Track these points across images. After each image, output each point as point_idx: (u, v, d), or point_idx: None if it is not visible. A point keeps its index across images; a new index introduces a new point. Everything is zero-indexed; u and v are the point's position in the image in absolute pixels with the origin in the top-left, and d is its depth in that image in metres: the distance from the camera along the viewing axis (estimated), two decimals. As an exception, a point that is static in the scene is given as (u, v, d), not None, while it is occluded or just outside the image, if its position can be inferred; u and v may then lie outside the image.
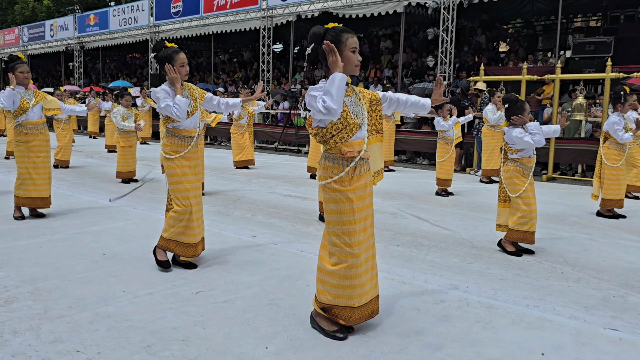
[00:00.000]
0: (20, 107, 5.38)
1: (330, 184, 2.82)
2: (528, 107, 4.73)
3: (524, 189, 4.61)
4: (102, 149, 13.93)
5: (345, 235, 2.80)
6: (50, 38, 26.30)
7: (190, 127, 4.04)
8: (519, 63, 14.14)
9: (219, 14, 18.39)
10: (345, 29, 2.79)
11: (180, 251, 4.01)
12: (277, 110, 16.52)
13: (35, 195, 5.54)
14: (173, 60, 3.92)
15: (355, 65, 2.80)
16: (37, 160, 5.52)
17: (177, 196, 3.98)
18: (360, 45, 12.28)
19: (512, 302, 3.48)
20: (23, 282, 3.68)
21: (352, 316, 2.87)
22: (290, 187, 8.23)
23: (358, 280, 2.83)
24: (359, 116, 2.85)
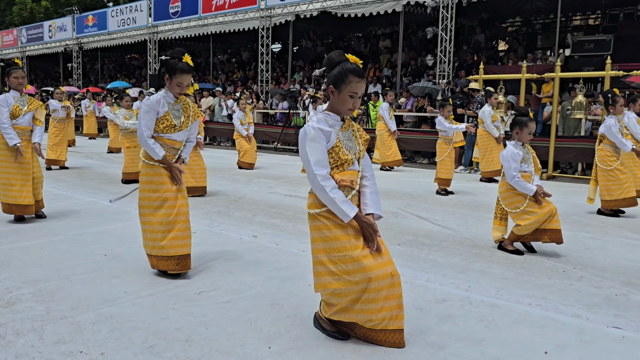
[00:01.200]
0: (11, 113, 5.34)
1: (321, 213, 2.73)
2: (533, 127, 4.63)
3: (524, 205, 4.56)
4: (101, 149, 13.93)
5: (342, 263, 2.70)
6: (48, 39, 26.30)
7: (177, 140, 3.95)
8: (519, 62, 14.16)
9: (218, 14, 18.40)
10: (356, 69, 2.69)
11: (167, 266, 3.83)
12: (276, 110, 16.53)
13: (12, 202, 5.39)
14: (174, 75, 3.79)
15: (348, 109, 2.76)
16: (20, 167, 5.38)
17: (149, 204, 3.83)
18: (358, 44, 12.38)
19: (515, 301, 3.49)
20: (25, 284, 3.68)
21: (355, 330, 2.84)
22: (290, 187, 8.23)
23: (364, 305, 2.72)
24: (352, 152, 2.80)
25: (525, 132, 4.60)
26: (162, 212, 3.82)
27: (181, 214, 3.87)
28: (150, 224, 3.86)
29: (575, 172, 10.43)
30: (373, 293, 2.70)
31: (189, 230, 3.94)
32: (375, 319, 2.74)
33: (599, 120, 10.29)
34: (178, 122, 3.91)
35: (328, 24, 18.73)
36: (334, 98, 2.76)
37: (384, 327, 2.76)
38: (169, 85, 3.87)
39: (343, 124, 2.83)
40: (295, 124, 14.90)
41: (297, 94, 15.68)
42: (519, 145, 4.64)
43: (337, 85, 2.72)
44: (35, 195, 5.60)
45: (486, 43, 16.78)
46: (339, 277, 2.71)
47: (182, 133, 3.98)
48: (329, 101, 2.86)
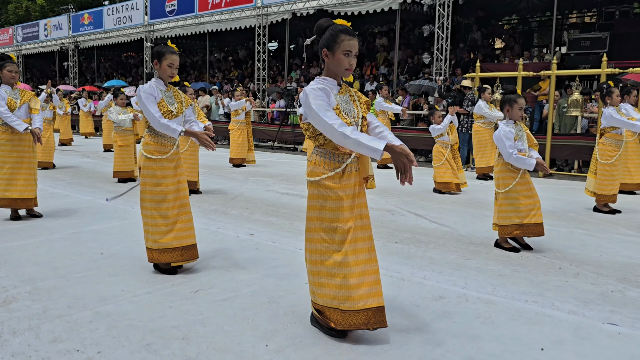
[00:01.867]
0: (7, 106, 5.34)
1: (320, 181, 2.74)
2: (522, 102, 4.63)
3: (512, 185, 4.57)
4: (98, 148, 13.90)
5: (331, 232, 2.72)
6: (44, 38, 26.22)
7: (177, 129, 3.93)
8: (515, 59, 14.18)
9: (214, 12, 18.37)
10: (346, 29, 2.70)
11: (168, 258, 3.87)
12: (273, 109, 16.51)
13: (17, 196, 5.42)
14: (162, 57, 3.83)
15: (345, 69, 2.72)
16: (22, 161, 5.43)
17: (151, 198, 3.86)
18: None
19: (511, 298, 3.49)
20: (22, 282, 3.67)
21: (342, 320, 2.73)
22: (287, 185, 8.23)
23: (342, 280, 2.70)
24: (351, 115, 2.77)
25: (516, 108, 4.59)
26: (164, 205, 3.87)
27: (183, 206, 3.95)
28: (153, 217, 3.89)
29: (571, 170, 10.45)
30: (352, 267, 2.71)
31: (191, 221, 4.01)
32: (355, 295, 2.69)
33: (595, 118, 10.32)
34: (173, 108, 3.94)
35: (324, 22, 18.69)
36: (329, 61, 2.75)
37: (363, 306, 2.70)
38: (159, 70, 3.88)
39: (340, 88, 2.82)
40: (292, 123, 14.89)
41: (294, 92, 15.66)
42: (510, 123, 4.63)
43: (330, 47, 2.71)
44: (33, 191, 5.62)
45: (483, 41, 16.79)
46: (328, 245, 2.73)
47: (179, 119, 4.00)
48: (324, 66, 2.81)
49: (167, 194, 3.89)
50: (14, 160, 5.41)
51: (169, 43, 3.97)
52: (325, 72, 2.81)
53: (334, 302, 2.75)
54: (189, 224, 3.99)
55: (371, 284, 2.77)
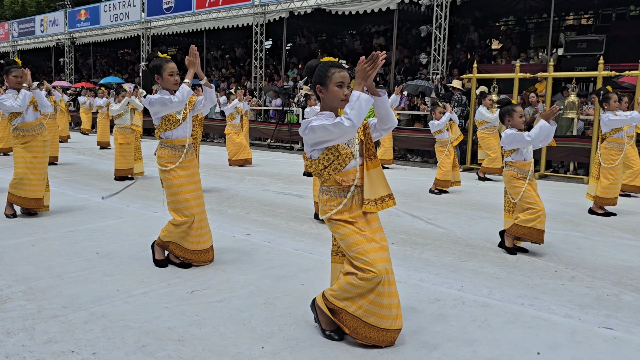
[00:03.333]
0: (15, 113, 5.35)
1: (331, 218, 2.81)
2: (520, 110, 4.67)
3: (523, 189, 4.58)
4: (94, 145, 13.84)
5: (360, 256, 2.72)
6: (40, 33, 26.08)
7: (181, 136, 4.06)
8: (512, 61, 14.20)
9: (211, 10, 18.30)
10: (334, 63, 2.77)
11: (186, 255, 4.02)
12: (269, 107, 16.49)
13: (31, 195, 5.48)
14: (162, 69, 3.95)
15: (341, 100, 2.75)
16: (35, 161, 5.47)
17: (177, 207, 4.00)
18: (352, 42, 12.37)
19: (507, 301, 3.50)
20: (16, 282, 3.65)
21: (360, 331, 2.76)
22: (284, 184, 8.22)
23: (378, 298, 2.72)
24: (351, 145, 2.82)
25: (516, 116, 4.63)
26: (190, 212, 3.99)
27: (201, 213, 4.09)
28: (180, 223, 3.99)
29: (567, 172, 10.48)
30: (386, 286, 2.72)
31: (207, 226, 4.16)
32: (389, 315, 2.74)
33: (591, 120, 10.35)
34: (180, 115, 4.06)
35: (322, 21, 18.71)
36: (325, 96, 2.79)
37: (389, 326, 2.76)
38: (162, 83, 4.02)
39: None
40: (288, 121, 14.88)
41: (291, 90, 15.64)
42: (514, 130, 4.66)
43: (323, 82, 2.76)
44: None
45: (480, 42, 16.81)
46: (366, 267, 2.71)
47: (185, 125, 4.08)
48: (320, 103, 2.86)
49: (190, 201, 4.01)
50: (28, 161, 5.44)
51: (159, 54, 4.06)
52: (322, 108, 2.85)
53: (358, 312, 2.75)
54: (206, 229, 4.14)
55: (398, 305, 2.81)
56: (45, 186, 5.66)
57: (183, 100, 3.88)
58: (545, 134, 4.47)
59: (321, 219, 2.92)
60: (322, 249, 4.61)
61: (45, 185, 5.66)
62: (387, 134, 10.44)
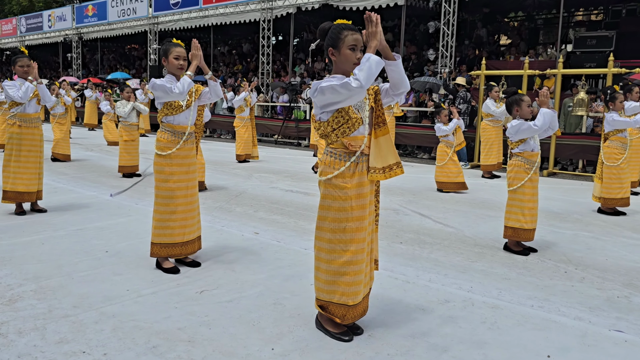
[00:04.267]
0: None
1: (330, 180, 2.79)
2: (528, 99, 4.63)
3: (521, 183, 4.56)
4: (101, 141, 13.88)
5: (340, 232, 2.77)
6: (48, 29, 26.16)
7: (183, 123, 3.99)
8: (520, 57, 14.11)
9: (219, 6, 18.29)
10: (347, 25, 2.75)
11: (167, 252, 3.95)
12: (277, 103, 16.48)
13: (23, 189, 5.46)
14: (169, 52, 3.91)
15: (353, 63, 2.73)
16: (29, 155, 5.45)
17: (161, 194, 3.93)
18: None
19: (517, 303, 3.48)
20: (27, 280, 3.67)
21: (347, 314, 2.84)
22: (291, 182, 8.22)
23: (352, 278, 2.80)
24: (362, 111, 2.79)
25: (524, 106, 4.59)
26: (172, 202, 3.92)
27: (191, 203, 4.02)
28: (159, 212, 3.94)
29: (576, 169, 10.42)
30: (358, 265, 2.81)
31: (198, 215, 4.13)
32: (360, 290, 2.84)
33: (600, 117, 10.27)
34: (184, 102, 4.00)
35: (329, 16, 18.60)
36: (337, 58, 2.77)
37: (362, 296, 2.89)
38: (168, 66, 3.96)
39: None
40: (296, 117, 14.86)
41: (298, 87, 15.61)
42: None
43: (335, 45, 2.74)
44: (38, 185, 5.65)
45: (488, 38, 16.71)
46: (335, 245, 2.79)
47: (188, 112, 4.02)
48: (333, 66, 2.83)
49: (175, 191, 3.93)
50: (22, 154, 5.43)
51: (174, 40, 4.01)
52: (334, 70, 2.82)
53: (342, 299, 2.82)
54: (195, 219, 4.09)
55: (367, 274, 2.94)
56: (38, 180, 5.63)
57: (183, 91, 3.84)
58: (550, 120, 4.47)
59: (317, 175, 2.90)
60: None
61: (39, 179, 5.63)
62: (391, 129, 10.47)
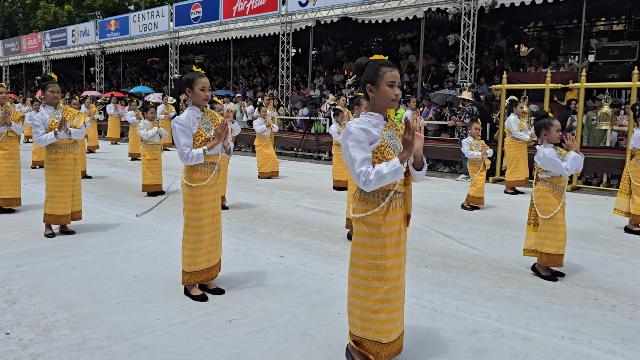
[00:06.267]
0: (49, 128, 5.48)
1: (364, 218, 2.80)
2: (557, 124, 4.63)
3: (556, 211, 4.55)
4: (124, 156, 14.10)
5: (374, 269, 2.77)
6: (71, 43, 26.69)
7: (212, 154, 4.02)
8: (541, 68, 14.01)
9: (238, 20, 18.50)
10: (385, 62, 2.77)
11: (196, 279, 4.02)
12: (296, 117, 16.57)
13: (60, 212, 5.63)
14: (194, 83, 3.93)
15: (392, 100, 2.76)
16: (65, 179, 5.61)
17: (191, 224, 3.98)
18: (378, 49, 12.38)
19: (547, 334, 3.45)
20: (59, 309, 3.74)
21: (380, 352, 2.81)
22: (313, 199, 8.25)
23: (387, 315, 2.79)
24: (397, 150, 2.80)
25: (553, 130, 4.57)
26: (200, 230, 3.98)
27: (216, 229, 4.10)
28: (189, 242, 4.00)
29: (600, 183, 10.28)
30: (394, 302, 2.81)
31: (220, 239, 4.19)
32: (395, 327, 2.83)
33: (625, 131, 10.14)
34: (210, 134, 4.02)
35: (348, 29, 18.73)
36: (374, 95, 2.79)
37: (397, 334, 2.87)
38: (193, 97, 3.99)
39: (386, 123, 2.85)
40: (316, 131, 14.92)
41: (318, 100, 15.68)
42: (549, 146, 4.60)
43: (374, 81, 2.76)
44: (75, 205, 5.81)
45: (508, 49, 16.62)
46: (369, 282, 2.79)
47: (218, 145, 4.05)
48: (370, 102, 2.86)
49: (204, 220, 4.00)
50: (58, 179, 5.59)
51: (194, 68, 4.06)
52: (372, 108, 2.84)
53: (376, 336, 2.81)
54: (219, 243, 4.17)
55: (403, 312, 2.93)
56: (75, 201, 5.79)
57: (190, 162, 3.90)
58: (578, 164, 4.51)
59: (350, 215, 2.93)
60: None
61: (75, 200, 5.79)
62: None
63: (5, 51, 31.91)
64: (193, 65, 4.15)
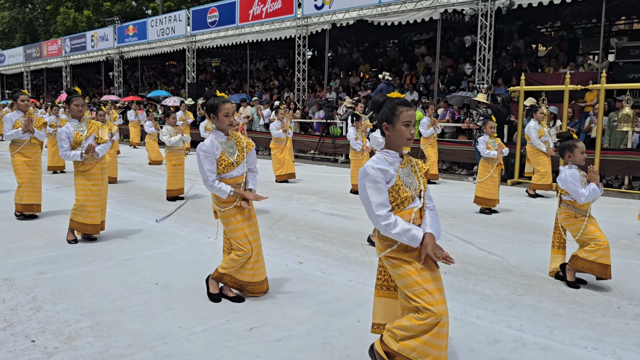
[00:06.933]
0: (74, 141, 5.57)
1: (386, 255, 2.83)
2: (582, 146, 4.55)
3: (583, 226, 4.48)
4: (143, 160, 14.25)
5: (417, 297, 2.72)
6: (91, 48, 27.06)
7: (237, 176, 4.10)
8: (560, 69, 13.84)
9: (254, 23, 18.60)
10: (402, 100, 2.80)
11: (233, 282, 4.11)
12: (313, 120, 16.60)
13: (89, 222, 5.72)
14: (218, 110, 4.00)
15: (407, 139, 2.78)
16: (94, 188, 5.70)
17: (238, 242, 4.05)
18: (394, 51, 12.38)
19: (570, 343, 3.42)
20: (83, 316, 3.80)
21: None
22: (331, 204, 8.25)
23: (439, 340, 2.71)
24: (412, 187, 2.82)
25: (577, 152, 4.52)
26: (245, 247, 4.04)
27: (257, 247, 4.13)
28: (234, 260, 4.07)
29: (621, 186, 10.14)
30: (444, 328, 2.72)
31: (262, 259, 4.23)
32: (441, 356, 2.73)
33: (647, 132, 9.99)
34: (234, 158, 4.07)
35: (364, 31, 18.70)
36: (390, 133, 2.80)
37: None
38: (217, 123, 4.05)
39: (402, 160, 2.85)
40: (332, 134, 14.93)
41: (334, 103, 15.69)
42: (574, 167, 4.55)
43: (390, 120, 2.78)
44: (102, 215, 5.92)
45: (525, 49, 16.46)
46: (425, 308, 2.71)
47: (240, 167, 4.13)
48: (385, 139, 2.87)
49: (248, 236, 4.07)
50: (87, 189, 5.68)
51: (218, 93, 4.11)
52: (387, 145, 2.86)
53: (412, 354, 2.75)
54: (260, 263, 4.19)
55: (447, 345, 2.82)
56: (102, 211, 5.89)
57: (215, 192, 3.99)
58: (596, 196, 4.44)
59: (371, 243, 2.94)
60: (374, 280, 4.59)
61: (102, 210, 5.89)
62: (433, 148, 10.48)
63: (27, 57, 32.46)
64: (216, 90, 4.18)
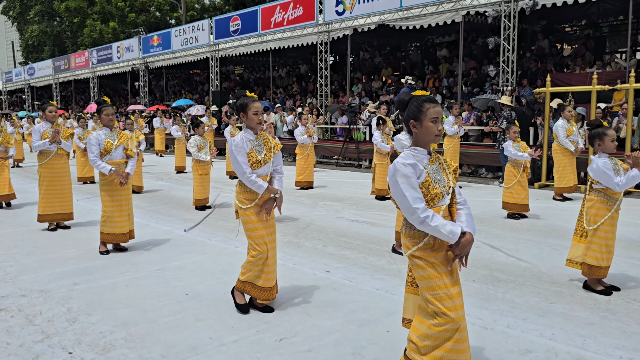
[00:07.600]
0: (104, 149, 5.71)
1: (412, 253, 2.81)
2: (612, 133, 4.50)
3: (602, 221, 4.43)
4: (170, 169, 14.45)
5: (437, 301, 2.71)
6: (117, 59, 27.59)
7: (263, 175, 4.15)
8: (586, 68, 13.61)
9: (276, 31, 18.74)
10: (428, 97, 2.79)
11: (256, 294, 4.14)
12: (336, 125, 16.63)
13: (119, 231, 5.85)
14: (247, 108, 4.10)
15: (435, 135, 2.78)
16: (121, 199, 5.83)
17: (254, 242, 4.11)
18: (416, 54, 12.33)
19: (604, 353, 3.37)
20: (116, 327, 3.88)
21: None
22: (356, 210, 8.26)
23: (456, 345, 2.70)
24: (441, 184, 2.80)
25: (607, 140, 4.46)
26: (261, 248, 4.10)
27: (272, 249, 4.19)
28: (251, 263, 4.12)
29: (653, 187, 9.91)
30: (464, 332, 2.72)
31: (275, 263, 4.24)
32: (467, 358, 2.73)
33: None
34: (261, 156, 4.15)
35: (385, 35, 18.69)
36: (418, 131, 2.81)
37: None
38: (247, 121, 4.14)
39: (430, 157, 2.85)
40: (356, 139, 14.94)
41: (357, 108, 15.70)
42: (604, 156, 4.48)
43: (417, 117, 2.78)
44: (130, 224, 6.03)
45: (550, 49, 16.23)
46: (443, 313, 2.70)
47: (267, 166, 4.20)
48: (413, 137, 2.87)
49: (264, 237, 4.13)
50: (115, 199, 5.81)
51: (247, 93, 4.17)
52: (415, 143, 2.85)
53: None
54: (273, 267, 4.21)
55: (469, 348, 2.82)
56: (130, 219, 6.00)
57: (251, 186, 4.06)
58: (636, 182, 4.35)
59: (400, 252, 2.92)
60: (401, 288, 4.55)
61: (130, 218, 6.00)
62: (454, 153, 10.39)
63: (56, 69, 33.27)
64: (246, 90, 4.27)
